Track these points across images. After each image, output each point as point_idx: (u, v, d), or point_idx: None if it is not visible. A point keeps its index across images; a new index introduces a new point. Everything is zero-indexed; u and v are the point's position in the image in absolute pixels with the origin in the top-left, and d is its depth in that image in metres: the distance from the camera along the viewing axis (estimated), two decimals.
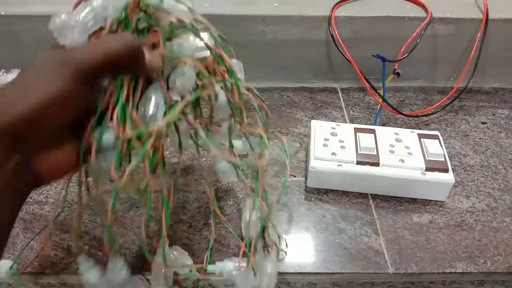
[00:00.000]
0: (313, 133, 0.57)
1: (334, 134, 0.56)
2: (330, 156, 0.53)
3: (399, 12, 0.65)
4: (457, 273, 0.47)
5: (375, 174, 0.52)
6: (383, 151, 0.53)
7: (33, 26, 0.64)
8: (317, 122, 0.58)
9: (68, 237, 0.48)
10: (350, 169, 0.52)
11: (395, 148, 0.54)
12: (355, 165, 0.52)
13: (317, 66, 0.70)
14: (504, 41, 0.67)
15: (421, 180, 0.51)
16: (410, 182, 0.51)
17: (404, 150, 0.54)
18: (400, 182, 0.52)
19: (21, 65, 0.65)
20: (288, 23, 0.64)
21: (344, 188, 0.54)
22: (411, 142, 0.55)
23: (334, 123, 0.58)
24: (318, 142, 0.55)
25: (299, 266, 0.47)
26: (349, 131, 0.56)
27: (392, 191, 0.53)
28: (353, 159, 0.52)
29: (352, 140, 0.55)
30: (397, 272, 0.47)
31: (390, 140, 0.55)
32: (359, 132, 0.56)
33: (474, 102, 0.70)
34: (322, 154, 0.53)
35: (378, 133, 0.56)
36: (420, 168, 0.51)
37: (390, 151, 0.53)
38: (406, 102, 0.69)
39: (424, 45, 0.67)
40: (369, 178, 0.52)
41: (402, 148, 0.54)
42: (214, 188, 0.54)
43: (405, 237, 0.50)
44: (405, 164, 0.52)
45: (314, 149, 0.54)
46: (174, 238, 0.49)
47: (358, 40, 0.66)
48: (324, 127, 0.57)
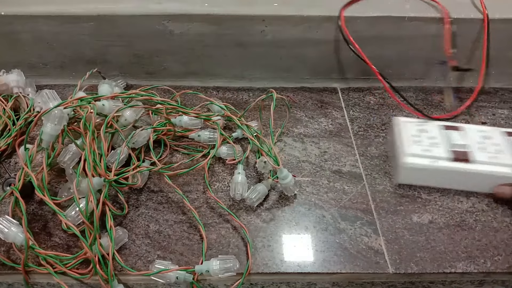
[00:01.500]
0: (398, 130, 0.56)
1: (423, 131, 0.56)
2: (422, 152, 0.53)
3: (399, 12, 0.65)
4: (457, 273, 0.47)
5: (470, 171, 0.52)
6: (474, 148, 0.53)
7: (33, 26, 0.64)
8: (401, 119, 0.58)
9: None
10: (444, 165, 0.52)
11: (485, 145, 0.54)
12: (449, 162, 0.52)
13: (317, 66, 0.70)
14: (504, 41, 0.67)
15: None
16: (505, 178, 0.51)
17: (494, 147, 0.54)
18: (495, 179, 0.52)
19: (21, 65, 0.66)
20: (288, 23, 0.64)
21: (438, 184, 0.54)
22: (499, 140, 0.55)
23: (418, 120, 0.58)
24: (408, 139, 0.55)
25: (299, 266, 0.47)
26: (436, 128, 0.56)
27: (486, 187, 0.53)
28: (446, 155, 0.53)
29: (442, 136, 0.55)
30: (397, 272, 0.47)
31: (477, 137, 0.55)
32: (448, 129, 0.56)
33: (474, 102, 0.69)
34: (414, 150, 0.53)
35: (465, 129, 0.56)
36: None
37: (480, 148, 0.54)
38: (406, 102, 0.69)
39: (424, 45, 0.67)
40: (464, 175, 0.52)
41: (491, 145, 0.54)
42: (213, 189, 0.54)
43: (405, 237, 0.50)
44: (497, 161, 0.52)
45: (404, 146, 0.54)
46: (174, 238, 0.49)
47: (358, 40, 0.66)
48: (410, 124, 0.57)
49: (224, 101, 0.65)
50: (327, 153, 0.60)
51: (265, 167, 0.55)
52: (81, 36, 0.65)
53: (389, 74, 0.64)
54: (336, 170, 0.57)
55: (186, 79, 0.71)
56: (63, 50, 0.67)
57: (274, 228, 0.51)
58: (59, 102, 0.52)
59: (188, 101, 0.68)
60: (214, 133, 0.58)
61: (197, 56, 0.68)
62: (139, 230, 0.50)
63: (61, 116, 0.49)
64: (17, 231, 0.45)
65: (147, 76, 0.71)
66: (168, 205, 0.53)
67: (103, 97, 0.55)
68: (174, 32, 0.65)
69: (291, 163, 0.58)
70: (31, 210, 0.52)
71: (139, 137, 0.55)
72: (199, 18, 0.63)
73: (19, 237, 0.45)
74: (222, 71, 0.71)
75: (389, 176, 0.57)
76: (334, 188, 0.55)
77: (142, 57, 0.68)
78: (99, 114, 0.54)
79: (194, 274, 0.45)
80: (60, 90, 0.69)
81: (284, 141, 0.62)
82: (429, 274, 0.47)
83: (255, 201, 0.52)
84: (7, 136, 0.58)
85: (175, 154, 0.59)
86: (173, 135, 0.59)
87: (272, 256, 0.48)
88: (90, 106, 0.52)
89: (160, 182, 0.55)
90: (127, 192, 0.54)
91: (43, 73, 0.70)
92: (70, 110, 0.52)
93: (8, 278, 0.47)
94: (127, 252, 0.48)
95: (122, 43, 0.66)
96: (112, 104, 0.55)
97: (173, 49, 0.67)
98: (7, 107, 0.61)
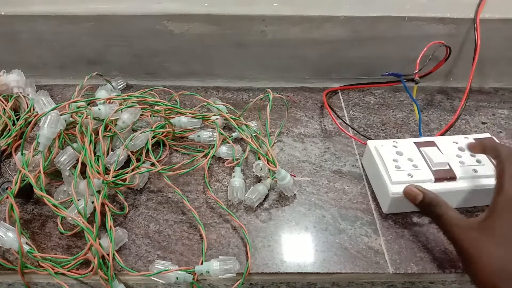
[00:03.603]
0: (377, 155, 0.53)
1: (399, 153, 0.53)
2: (407, 177, 0.50)
3: (399, 12, 0.65)
4: (457, 273, 0.47)
5: (456, 189, 0.50)
6: (454, 164, 0.51)
7: (33, 26, 0.64)
8: (374, 142, 0.55)
9: None
10: (430, 188, 0.48)
11: (462, 158, 0.52)
12: (433, 183, 0.50)
13: (317, 66, 0.70)
14: (504, 41, 0.67)
15: None
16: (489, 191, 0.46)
17: (471, 159, 0.52)
18: (479, 193, 0.50)
19: (21, 65, 0.66)
20: (288, 23, 0.64)
21: None
22: None
23: (391, 141, 0.55)
24: (390, 165, 0.51)
25: (299, 266, 0.47)
26: (411, 146, 0.53)
27: (471, 202, 0.51)
28: (430, 177, 0.50)
29: (419, 156, 0.52)
30: (397, 272, 0.47)
31: (453, 151, 0.53)
32: (422, 146, 0.53)
33: (474, 102, 0.70)
34: (399, 178, 0.50)
35: (439, 144, 0.53)
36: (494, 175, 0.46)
37: (460, 162, 0.51)
38: (406, 102, 0.69)
39: (424, 45, 0.67)
40: (449, 194, 0.49)
41: (468, 157, 0.52)
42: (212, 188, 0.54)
43: (405, 237, 0.50)
44: (479, 173, 0.50)
45: (389, 173, 0.50)
46: (174, 238, 0.49)
47: (358, 40, 0.66)
48: (385, 147, 0.53)
49: (224, 101, 0.65)
50: (327, 153, 0.60)
51: (262, 170, 0.55)
52: (81, 36, 0.65)
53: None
54: (336, 170, 0.57)
55: (186, 79, 0.71)
56: (63, 50, 0.67)
57: (274, 228, 0.51)
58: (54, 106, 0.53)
59: (188, 101, 0.68)
60: (214, 133, 0.58)
61: (197, 56, 0.68)
62: (139, 230, 0.50)
63: (57, 120, 0.50)
64: (13, 237, 0.45)
65: (147, 76, 0.71)
66: (168, 205, 0.53)
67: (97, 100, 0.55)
68: (174, 32, 0.65)
69: (291, 163, 0.58)
70: (30, 210, 0.52)
71: (137, 140, 0.55)
72: (199, 18, 0.63)
73: (17, 243, 0.45)
74: (222, 71, 0.71)
75: None
76: (334, 188, 0.55)
77: (142, 57, 0.68)
78: (96, 119, 0.54)
79: (194, 274, 0.45)
80: (60, 90, 0.69)
81: (284, 141, 0.62)
82: (429, 274, 0.47)
83: (255, 201, 0.52)
84: (7, 136, 0.58)
85: (175, 154, 0.59)
86: (172, 135, 0.59)
87: (272, 256, 0.48)
88: (86, 112, 0.53)
89: (160, 183, 0.55)
90: (127, 192, 0.54)
91: (43, 73, 0.70)
92: (68, 116, 0.53)
93: (8, 278, 0.47)
94: (127, 252, 0.48)
95: (122, 43, 0.66)
96: (109, 108, 0.55)
97: (173, 49, 0.67)
98: (7, 107, 0.61)
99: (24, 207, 0.52)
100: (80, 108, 0.54)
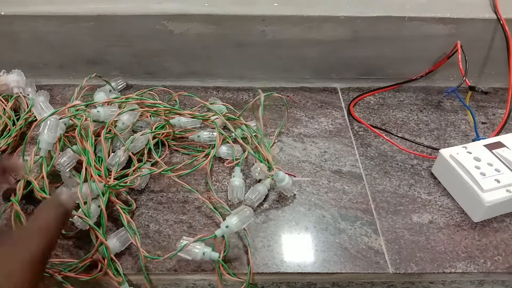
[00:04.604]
0: (456, 163, 0.52)
1: (477, 159, 0.52)
2: (495, 183, 0.49)
3: (399, 12, 0.65)
4: (457, 273, 0.47)
5: None
6: None
7: (33, 26, 0.64)
8: (449, 151, 0.53)
9: None
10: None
11: None
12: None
13: (317, 66, 0.70)
14: (503, 41, 0.67)
15: None
16: None
17: None
18: None
19: (21, 65, 0.66)
20: (288, 23, 0.64)
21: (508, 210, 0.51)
22: None
23: (460, 147, 0.54)
24: (475, 173, 0.50)
25: (299, 266, 0.47)
26: (482, 150, 0.53)
27: None
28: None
29: (495, 159, 0.52)
30: (397, 272, 0.47)
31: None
32: (493, 148, 0.53)
33: (474, 102, 0.70)
34: (489, 185, 0.49)
35: (506, 144, 0.53)
36: None
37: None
38: (406, 102, 0.69)
39: (424, 45, 0.67)
40: None
41: None
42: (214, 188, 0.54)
43: (405, 237, 0.50)
44: None
45: (478, 182, 0.50)
46: (174, 238, 0.49)
47: (358, 40, 0.66)
48: (461, 154, 0.52)
49: (224, 101, 0.65)
50: (327, 153, 0.60)
51: (260, 173, 0.54)
52: (81, 36, 0.65)
53: (389, 74, 0.64)
54: (336, 170, 0.57)
55: (186, 79, 0.71)
56: (63, 50, 0.67)
57: (274, 228, 0.51)
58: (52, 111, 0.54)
59: (188, 101, 0.68)
60: (214, 133, 0.58)
61: (197, 56, 0.68)
62: (139, 230, 0.50)
63: (56, 124, 0.50)
64: None
65: (147, 76, 0.71)
66: (168, 205, 0.53)
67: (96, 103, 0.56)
68: (174, 32, 0.65)
69: (291, 163, 0.58)
70: (30, 210, 0.52)
71: (138, 141, 0.55)
72: (199, 18, 0.63)
73: None
74: (222, 71, 0.71)
75: (389, 176, 0.57)
76: (334, 188, 0.55)
77: (142, 57, 0.68)
78: (95, 121, 0.54)
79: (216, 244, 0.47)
80: (60, 90, 0.69)
81: (284, 141, 0.62)
82: (429, 274, 0.47)
83: (255, 201, 0.52)
84: (7, 136, 0.58)
85: (175, 154, 0.59)
86: (172, 136, 0.59)
87: (272, 256, 0.48)
88: (86, 115, 0.53)
89: (160, 183, 0.55)
90: (127, 192, 0.54)
91: (43, 73, 0.70)
92: (67, 119, 0.53)
93: None
94: (127, 252, 0.48)
95: (122, 43, 0.66)
96: (108, 110, 0.55)
97: (173, 49, 0.67)
98: (7, 107, 0.61)
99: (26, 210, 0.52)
100: (79, 111, 0.54)
